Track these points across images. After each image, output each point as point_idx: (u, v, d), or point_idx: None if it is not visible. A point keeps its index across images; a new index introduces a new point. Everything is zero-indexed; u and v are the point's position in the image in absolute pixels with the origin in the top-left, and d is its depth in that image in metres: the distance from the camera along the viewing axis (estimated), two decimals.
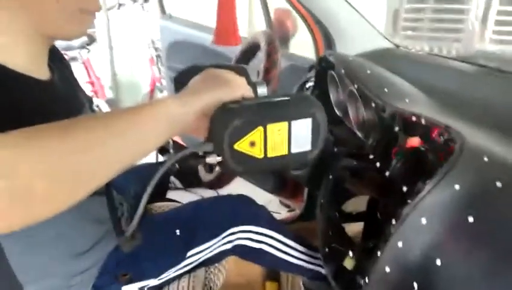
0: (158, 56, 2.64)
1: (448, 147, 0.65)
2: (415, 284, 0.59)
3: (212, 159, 0.49)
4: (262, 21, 1.53)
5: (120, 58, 3.31)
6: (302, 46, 1.49)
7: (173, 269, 0.88)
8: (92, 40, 2.84)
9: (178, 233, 0.89)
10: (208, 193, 1.39)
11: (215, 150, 0.49)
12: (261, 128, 0.49)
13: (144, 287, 0.86)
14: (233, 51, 1.52)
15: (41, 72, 0.65)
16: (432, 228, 0.58)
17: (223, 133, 0.47)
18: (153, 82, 2.74)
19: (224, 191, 1.17)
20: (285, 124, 0.50)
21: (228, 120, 0.48)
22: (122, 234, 0.54)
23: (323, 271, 1.14)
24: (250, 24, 3.01)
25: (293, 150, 0.52)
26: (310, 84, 1.18)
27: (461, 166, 0.59)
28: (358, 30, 1.23)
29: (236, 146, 0.48)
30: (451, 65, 1.07)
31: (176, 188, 2.30)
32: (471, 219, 0.55)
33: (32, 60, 0.62)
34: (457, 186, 0.57)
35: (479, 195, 0.57)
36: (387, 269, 0.63)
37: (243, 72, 0.62)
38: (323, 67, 0.99)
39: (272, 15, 1.52)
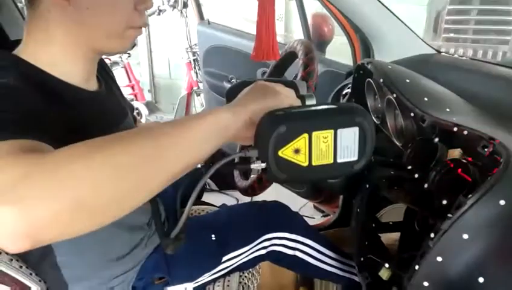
0: (196, 60, 2.69)
1: (493, 161, 0.63)
2: None
3: (257, 165, 0.49)
4: (299, 26, 1.52)
5: (159, 62, 3.40)
6: (340, 51, 1.48)
7: (208, 273, 0.90)
8: (132, 45, 2.93)
9: (213, 238, 0.91)
10: (243, 196, 1.41)
11: (260, 156, 0.49)
12: (306, 135, 0.48)
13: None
14: None
15: (91, 83, 0.69)
16: (474, 244, 0.56)
17: (268, 138, 0.47)
18: (190, 86, 2.80)
19: (259, 195, 1.18)
20: (331, 132, 0.49)
21: (273, 126, 0.48)
22: (165, 237, 0.55)
23: (357, 279, 1.13)
24: (287, 29, 3.01)
25: (339, 159, 0.51)
26: (346, 90, 1.17)
27: (507, 180, 0.57)
28: (398, 36, 1.20)
29: (280, 153, 0.48)
30: (496, 71, 1.03)
31: (212, 190, 2.33)
32: None
33: (84, 74, 0.66)
34: (502, 202, 0.55)
35: None
36: (425, 284, 0.62)
37: (292, 86, 0.62)
38: (361, 75, 0.97)
39: (310, 20, 1.52)
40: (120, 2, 0.61)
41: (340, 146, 0.50)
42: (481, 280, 0.55)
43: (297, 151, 0.48)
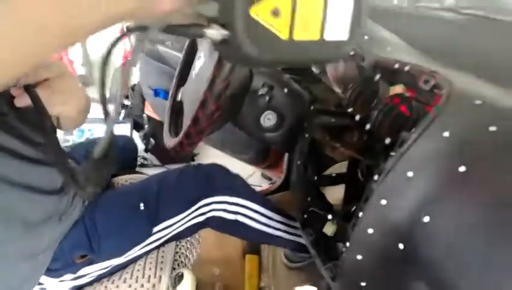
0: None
1: (435, 94, 0.58)
2: (401, 245, 0.53)
3: (215, 32, 0.33)
4: None
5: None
6: None
7: (139, 247, 0.80)
8: None
9: (142, 207, 0.81)
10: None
11: (222, 14, 0.32)
12: None
13: (108, 266, 0.78)
14: None
15: None
16: (419, 182, 0.51)
17: None
18: (125, 56, 2.60)
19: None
20: None
21: None
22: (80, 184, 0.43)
23: (304, 242, 1.09)
24: None
25: (326, 36, 0.36)
26: None
27: (450, 111, 0.52)
28: None
29: (253, 11, 0.31)
30: (435, 15, 1.00)
31: (154, 165, 2.20)
32: (462, 169, 0.48)
33: None
34: (446, 134, 0.50)
35: (471, 141, 0.50)
36: (370, 231, 0.56)
37: None
38: None
39: None
40: None
41: (331, 17, 0.35)
42: (426, 219, 0.50)
43: (275, 12, 0.32)
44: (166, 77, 1.69)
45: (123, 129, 2.10)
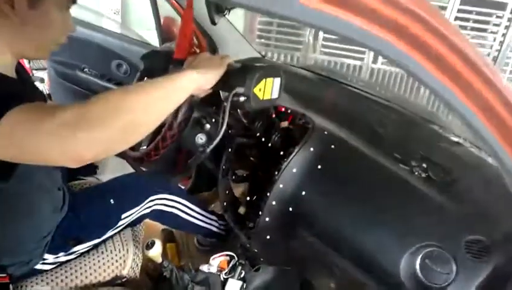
0: None
1: (306, 127, 1.07)
2: (290, 208, 0.98)
3: (242, 98, 0.76)
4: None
5: None
6: None
7: (111, 230, 1.10)
8: None
9: (112, 202, 1.11)
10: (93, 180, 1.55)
11: (245, 91, 0.75)
12: (264, 80, 0.77)
13: (90, 246, 1.05)
14: (118, 46, 1.74)
15: (13, 74, 0.77)
16: (299, 173, 0.97)
17: (252, 80, 0.75)
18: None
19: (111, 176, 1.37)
20: (272, 79, 0.79)
21: (254, 72, 0.75)
22: None
23: (214, 229, 1.48)
24: (124, 23, 3.10)
25: (272, 96, 0.81)
26: None
27: (313, 137, 1.00)
28: (235, 42, 1.60)
29: (255, 90, 0.76)
30: (299, 72, 1.54)
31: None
32: (320, 167, 0.96)
33: (9, 67, 0.75)
34: (312, 149, 0.98)
35: (323, 153, 0.99)
36: (274, 203, 1.00)
37: None
38: None
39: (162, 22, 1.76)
40: (55, 23, 0.75)
41: (273, 88, 0.81)
42: (304, 193, 0.96)
43: (260, 90, 0.77)
44: (79, 96, 1.90)
45: None
